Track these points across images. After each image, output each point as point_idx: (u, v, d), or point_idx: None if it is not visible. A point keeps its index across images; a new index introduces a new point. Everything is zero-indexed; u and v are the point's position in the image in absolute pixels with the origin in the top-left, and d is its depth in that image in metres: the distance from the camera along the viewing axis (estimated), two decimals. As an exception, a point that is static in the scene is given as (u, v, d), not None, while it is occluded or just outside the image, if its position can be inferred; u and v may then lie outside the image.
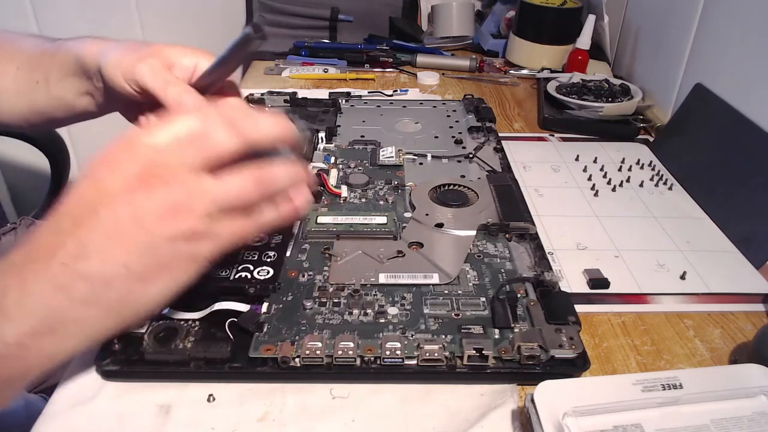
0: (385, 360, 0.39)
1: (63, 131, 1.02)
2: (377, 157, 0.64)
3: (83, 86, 0.45)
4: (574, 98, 0.78)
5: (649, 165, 0.68)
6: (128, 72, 0.41)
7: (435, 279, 0.46)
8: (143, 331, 0.40)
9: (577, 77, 0.85)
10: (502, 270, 0.48)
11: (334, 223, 0.52)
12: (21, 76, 0.47)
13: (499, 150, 0.67)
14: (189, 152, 0.31)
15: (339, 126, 0.73)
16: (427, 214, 0.54)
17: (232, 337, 0.40)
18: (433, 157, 0.65)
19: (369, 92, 0.85)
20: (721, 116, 0.65)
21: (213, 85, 0.43)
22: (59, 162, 0.89)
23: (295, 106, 0.79)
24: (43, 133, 0.88)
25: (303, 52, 0.98)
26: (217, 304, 0.42)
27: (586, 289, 0.49)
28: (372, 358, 0.39)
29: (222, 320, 0.41)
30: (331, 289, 0.45)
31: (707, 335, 0.45)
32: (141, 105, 0.43)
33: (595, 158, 0.69)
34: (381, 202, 0.57)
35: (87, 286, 0.31)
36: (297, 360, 0.39)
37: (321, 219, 0.53)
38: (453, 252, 0.49)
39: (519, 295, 0.44)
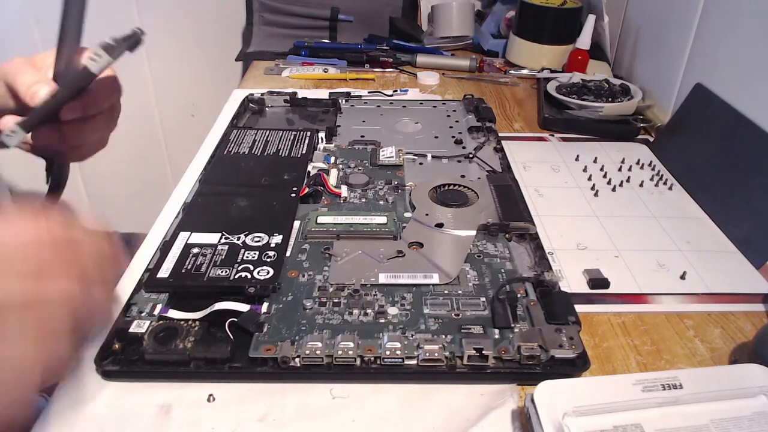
0: (385, 360, 0.39)
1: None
2: (377, 157, 0.64)
3: None
4: (574, 98, 0.78)
5: (649, 165, 0.68)
6: (1, 73, 0.42)
7: (435, 279, 0.46)
8: (143, 331, 0.40)
9: (577, 77, 0.85)
10: (502, 270, 0.48)
11: (334, 223, 0.52)
12: None
13: (499, 150, 0.67)
14: None
15: (339, 126, 0.73)
16: (427, 214, 0.54)
17: (232, 337, 0.40)
18: (433, 157, 0.65)
19: (369, 92, 0.85)
20: (721, 116, 0.65)
21: (71, 61, 0.42)
22: (58, 162, 0.89)
23: (295, 106, 0.79)
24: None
25: (303, 52, 0.98)
26: (217, 304, 0.42)
27: (586, 289, 0.49)
28: (372, 358, 0.39)
29: (222, 320, 0.41)
30: (331, 289, 0.45)
31: (707, 335, 0.45)
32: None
33: (595, 158, 0.69)
34: (381, 202, 0.57)
35: None
36: (297, 360, 0.39)
37: (321, 219, 0.53)
38: (453, 252, 0.49)
39: (519, 295, 0.44)
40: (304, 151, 0.64)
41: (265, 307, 0.43)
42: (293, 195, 0.56)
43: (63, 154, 0.47)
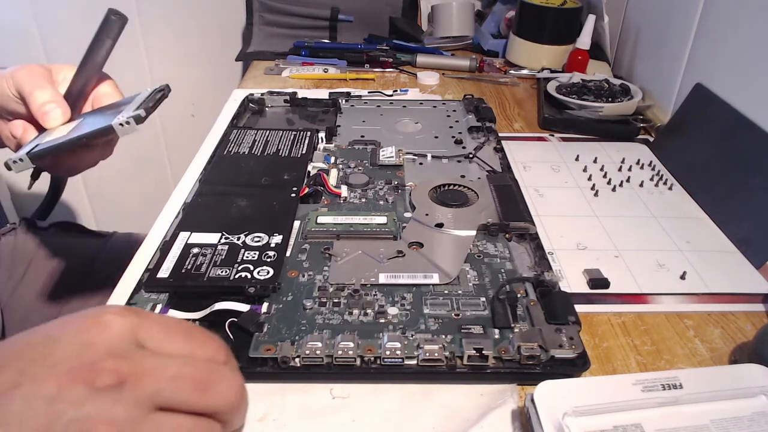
0: (385, 360, 0.39)
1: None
2: (377, 157, 0.64)
3: None
4: (574, 98, 0.78)
5: (649, 165, 0.68)
6: (13, 79, 0.42)
7: (435, 279, 0.46)
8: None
9: (577, 77, 0.85)
10: (502, 270, 0.48)
11: (334, 223, 0.52)
12: None
13: (499, 150, 0.67)
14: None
15: (339, 126, 0.73)
16: (427, 214, 0.54)
17: (232, 337, 0.40)
18: (433, 157, 0.65)
19: (369, 92, 0.85)
20: (721, 116, 0.65)
21: (87, 84, 0.44)
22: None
23: (295, 106, 0.79)
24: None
25: (303, 52, 0.98)
26: (217, 304, 0.42)
27: (586, 289, 0.49)
28: (372, 358, 0.39)
29: (222, 320, 0.41)
30: (331, 289, 0.45)
31: (707, 335, 0.45)
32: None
33: (595, 158, 0.69)
34: (381, 202, 0.57)
35: None
36: (297, 360, 0.39)
37: (321, 219, 0.53)
38: (453, 252, 0.49)
39: (519, 295, 0.44)
40: (304, 151, 0.64)
41: (265, 307, 0.43)
42: (293, 195, 0.56)
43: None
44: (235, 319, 0.41)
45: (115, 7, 0.43)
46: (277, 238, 0.49)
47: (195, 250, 0.47)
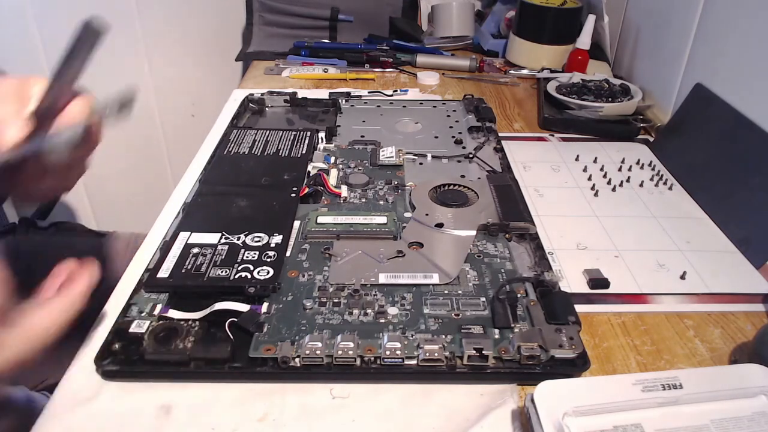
0: (385, 360, 0.39)
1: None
2: (377, 157, 0.64)
3: None
4: (574, 98, 0.78)
5: (649, 165, 0.68)
6: None
7: (435, 279, 0.46)
8: (143, 331, 0.40)
9: (577, 77, 0.85)
10: (502, 270, 0.48)
11: (334, 223, 0.52)
12: None
13: (499, 150, 0.67)
14: None
15: (339, 126, 0.73)
16: (427, 214, 0.54)
17: (232, 337, 0.40)
18: (433, 157, 0.65)
19: (369, 92, 0.85)
20: (721, 116, 0.65)
21: (59, 100, 0.39)
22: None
23: (295, 106, 0.79)
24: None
25: (303, 52, 0.98)
26: (217, 304, 0.42)
27: (586, 289, 0.49)
28: (372, 358, 0.39)
29: (222, 320, 0.41)
30: (331, 289, 0.45)
31: (707, 335, 0.45)
32: None
33: (595, 158, 0.69)
34: (381, 202, 0.57)
35: None
36: (297, 360, 0.39)
37: (321, 219, 0.53)
38: (453, 252, 0.49)
39: (519, 295, 0.44)
40: (304, 151, 0.64)
41: (265, 307, 0.43)
42: (293, 195, 0.56)
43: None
44: (235, 319, 0.41)
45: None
46: (277, 238, 0.49)
47: (195, 250, 0.47)
